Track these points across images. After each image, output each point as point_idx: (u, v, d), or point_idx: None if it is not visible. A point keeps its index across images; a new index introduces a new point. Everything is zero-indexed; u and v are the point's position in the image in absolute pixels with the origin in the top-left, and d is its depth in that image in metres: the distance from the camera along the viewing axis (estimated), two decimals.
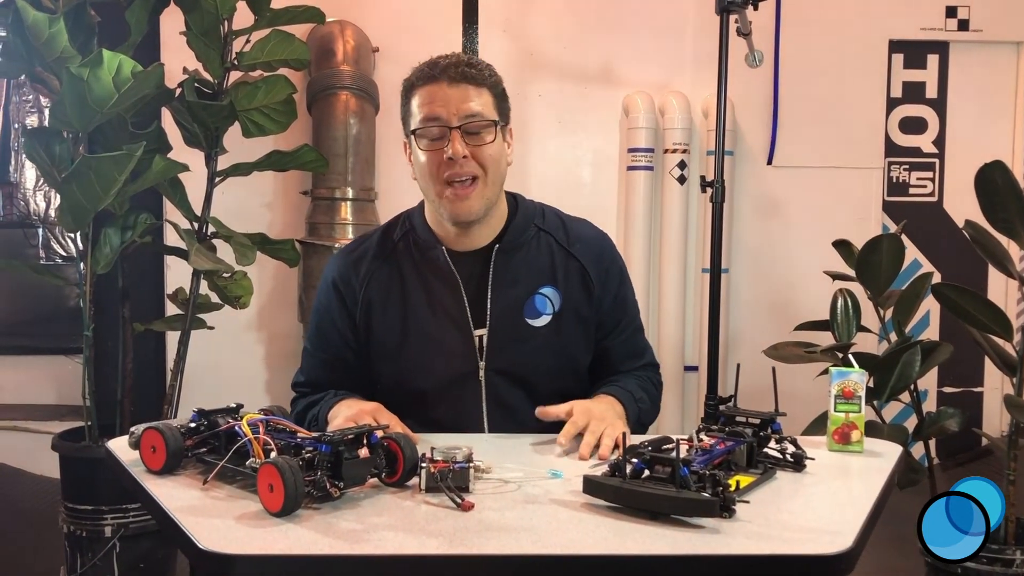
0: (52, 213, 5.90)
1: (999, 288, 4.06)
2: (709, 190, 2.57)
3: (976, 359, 4.02)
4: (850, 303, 2.52)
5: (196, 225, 2.76)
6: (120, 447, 1.44)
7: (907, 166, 4.10)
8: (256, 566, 1.04)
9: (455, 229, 1.69)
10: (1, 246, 5.29)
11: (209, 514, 1.16)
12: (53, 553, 2.76)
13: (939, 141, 4.10)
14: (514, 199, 1.78)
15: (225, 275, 2.75)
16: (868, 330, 2.53)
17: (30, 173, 5.90)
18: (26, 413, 4.02)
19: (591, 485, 1.22)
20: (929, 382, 4.12)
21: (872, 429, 2.37)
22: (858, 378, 1.52)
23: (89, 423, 2.62)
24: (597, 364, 1.80)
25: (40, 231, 5.86)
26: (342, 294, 1.74)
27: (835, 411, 1.53)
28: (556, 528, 1.14)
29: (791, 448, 1.43)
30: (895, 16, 3.98)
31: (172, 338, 3.59)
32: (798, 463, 1.41)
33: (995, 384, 4.07)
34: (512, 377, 1.69)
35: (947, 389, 4.11)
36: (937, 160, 4.10)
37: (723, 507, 1.14)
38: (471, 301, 1.68)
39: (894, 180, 4.10)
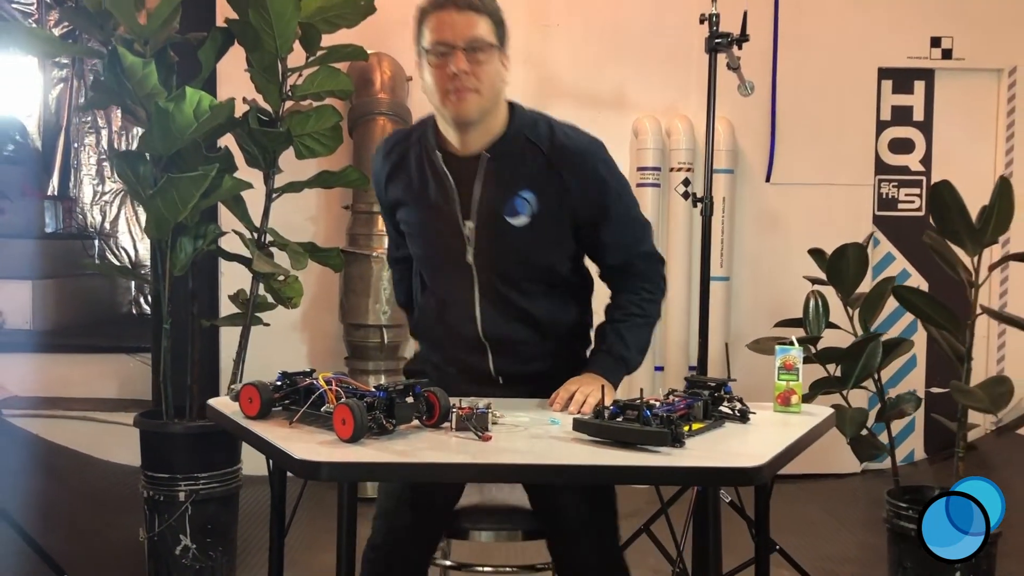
0: (107, 225, 6.45)
1: (983, 289, 4.45)
2: (700, 205, 3.00)
3: None
4: (820, 303, 2.94)
5: (256, 235, 3.22)
6: (221, 403, 1.89)
7: (896, 183, 4.51)
8: (335, 470, 1.49)
9: (456, 132, 1.95)
10: (61, 255, 5.83)
11: (299, 441, 1.60)
12: (131, 525, 3.19)
13: (926, 160, 4.51)
14: (512, 110, 1.99)
15: (280, 278, 3.20)
16: (836, 326, 2.94)
17: (87, 188, 6.48)
18: (92, 405, 4.49)
19: (578, 424, 1.65)
20: (917, 382, 4.52)
21: (838, 411, 2.78)
22: (796, 353, 1.94)
23: (165, 405, 3.07)
24: (597, 257, 2.07)
25: (96, 242, 6.41)
26: (381, 186, 2.11)
27: (778, 380, 1.95)
28: (552, 451, 1.58)
29: (739, 406, 1.85)
30: (884, 45, 4.41)
31: (224, 333, 4.07)
32: (743, 417, 1.84)
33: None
34: (495, 268, 1.99)
35: (935, 390, 4.49)
36: (924, 178, 4.51)
37: (674, 438, 1.57)
38: (462, 198, 1.96)
39: (884, 196, 4.51)
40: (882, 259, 4.49)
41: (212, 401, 1.94)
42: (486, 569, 2.13)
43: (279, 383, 1.83)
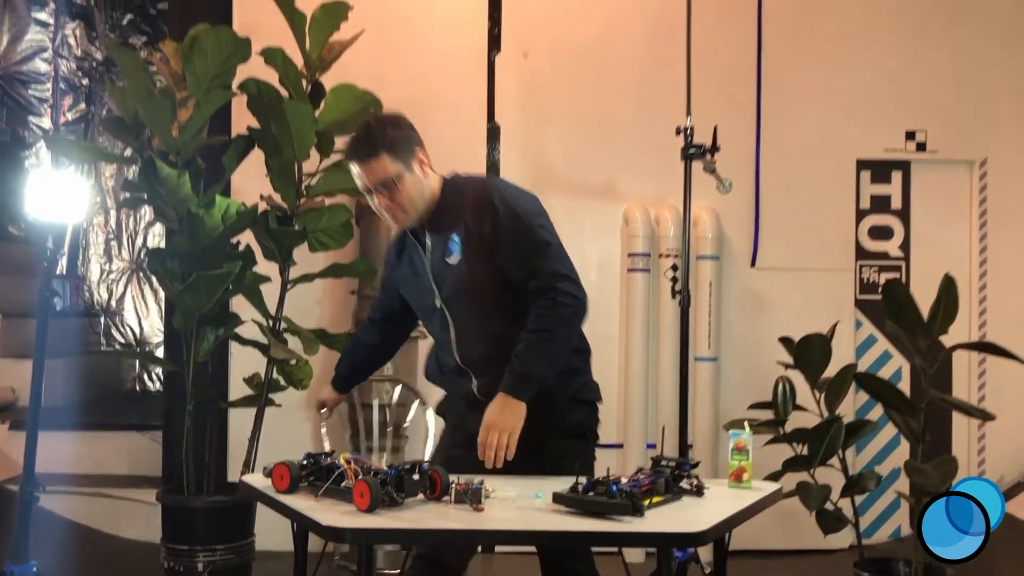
0: (114, 303, 6.94)
1: (963, 371, 4.92)
2: (679, 296, 3.47)
3: (944, 437, 4.86)
4: (788, 388, 3.40)
5: (271, 323, 3.69)
6: (255, 479, 2.34)
7: (876, 268, 4.99)
8: (356, 535, 1.94)
9: None
10: (70, 334, 6.29)
11: (324, 511, 2.05)
12: None
13: (904, 246, 5.00)
14: (444, 185, 2.58)
15: (292, 362, 3.67)
16: (804, 408, 3.39)
17: (95, 267, 6.98)
18: (104, 482, 4.88)
19: (557, 497, 2.10)
20: (902, 458, 4.93)
21: (804, 487, 3.23)
22: (747, 437, 2.39)
23: (187, 481, 3.51)
24: (509, 278, 2.49)
25: (102, 319, 6.89)
26: (387, 274, 2.80)
27: (731, 460, 2.39)
28: (534, 519, 2.02)
29: (696, 482, 2.30)
30: (861, 139, 4.93)
31: (232, 411, 4.49)
32: (699, 492, 2.28)
33: (961, 458, 4.86)
34: (454, 303, 2.54)
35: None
36: (903, 263, 4.99)
37: (634, 508, 2.02)
38: (425, 256, 2.58)
39: (865, 280, 4.98)
40: (864, 340, 4.95)
41: (246, 477, 2.39)
42: None
43: (304, 462, 2.28)
